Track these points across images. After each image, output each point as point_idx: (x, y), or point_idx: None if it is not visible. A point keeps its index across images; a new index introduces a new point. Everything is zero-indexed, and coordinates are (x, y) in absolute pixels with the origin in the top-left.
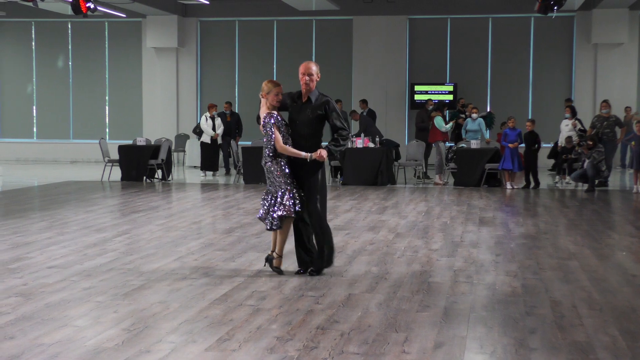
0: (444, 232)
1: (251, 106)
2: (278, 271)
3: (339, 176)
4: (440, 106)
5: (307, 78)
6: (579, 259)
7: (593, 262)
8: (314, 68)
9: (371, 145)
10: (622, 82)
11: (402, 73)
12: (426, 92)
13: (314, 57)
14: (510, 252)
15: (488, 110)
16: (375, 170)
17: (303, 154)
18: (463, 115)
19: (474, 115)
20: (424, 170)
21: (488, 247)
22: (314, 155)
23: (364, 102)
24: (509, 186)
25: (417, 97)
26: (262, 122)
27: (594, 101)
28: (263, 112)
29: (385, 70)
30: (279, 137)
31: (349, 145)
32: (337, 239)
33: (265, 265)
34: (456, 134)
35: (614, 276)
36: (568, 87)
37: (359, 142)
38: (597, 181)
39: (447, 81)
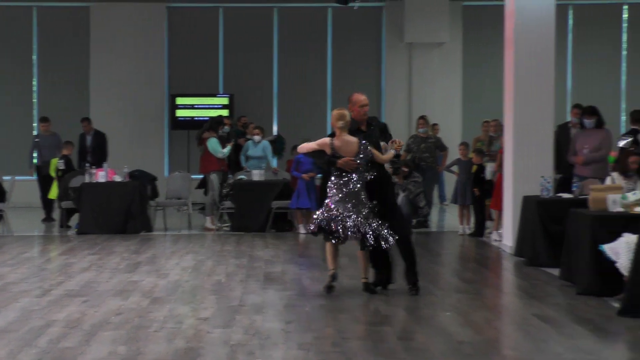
0: (218, 295)
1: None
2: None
3: (73, 222)
4: (214, 124)
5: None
6: (393, 323)
7: (410, 326)
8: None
9: (118, 178)
10: (443, 93)
11: (160, 82)
12: (192, 107)
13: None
14: (305, 318)
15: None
16: (123, 213)
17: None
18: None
19: (257, 138)
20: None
21: (276, 313)
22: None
23: (87, 120)
24: (302, 230)
25: (178, 112)
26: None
27: (410, 117)
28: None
29: (139, 77)
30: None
31: (86, 178)
32: (70, 309)
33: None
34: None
35: (437, 344)
36: (377, 94)
37: (101, 175)
38: (414, 220)
39: (221, 92)
